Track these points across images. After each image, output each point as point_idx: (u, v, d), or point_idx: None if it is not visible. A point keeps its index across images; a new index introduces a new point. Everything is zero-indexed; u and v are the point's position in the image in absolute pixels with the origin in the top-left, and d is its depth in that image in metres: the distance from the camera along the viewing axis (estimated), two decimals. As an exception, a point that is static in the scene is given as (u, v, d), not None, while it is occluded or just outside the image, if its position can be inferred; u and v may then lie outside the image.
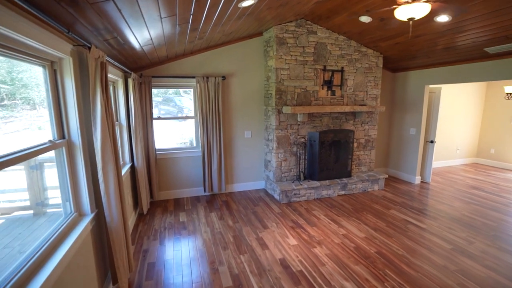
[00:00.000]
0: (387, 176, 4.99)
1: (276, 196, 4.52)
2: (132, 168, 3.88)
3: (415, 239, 3.23)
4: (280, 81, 4.29)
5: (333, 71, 4.55)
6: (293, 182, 4.52)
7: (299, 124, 4.54)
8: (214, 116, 4.41)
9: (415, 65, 5.03)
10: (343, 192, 4.75)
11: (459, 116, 6.66)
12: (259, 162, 4.99)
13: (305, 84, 4.44)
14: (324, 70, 4.50)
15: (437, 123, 5.15)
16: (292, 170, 4.67)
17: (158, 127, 4.53)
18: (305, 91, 4.47)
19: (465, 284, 2.44)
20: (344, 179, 4.75)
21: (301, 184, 4.42)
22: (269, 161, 4.73)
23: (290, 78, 4.34)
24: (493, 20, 3.06)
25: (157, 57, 3.80)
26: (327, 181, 4.61)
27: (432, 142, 5.25)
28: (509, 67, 3.74)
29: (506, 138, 6.51)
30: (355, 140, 4.93)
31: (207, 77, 4.28)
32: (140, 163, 3.69)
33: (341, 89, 4.69)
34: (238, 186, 4.96)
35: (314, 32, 4.32)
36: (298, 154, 4.63)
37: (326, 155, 4.65)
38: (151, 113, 4.17)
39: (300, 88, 4.43)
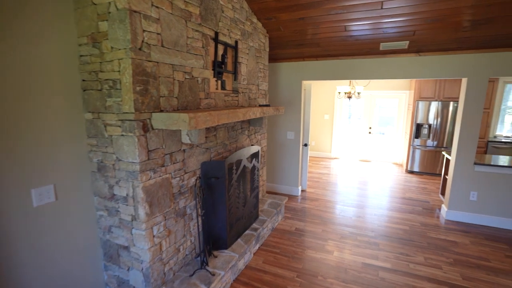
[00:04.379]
0: (287, 199, 3.77)
1: (164, 327, 1.90)
2: None
3: (423, 303, 2.19)
4: (142, 49, 1.67)
5: (226, 45, 2.52)
6: (192, 275, 2.10)
7: (184, 151, 2.13)
8: None
9: (292, 56, 4.07)
10: (257, 247, 2.95)
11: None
12: (88, 251, 2.00)
13: (190, 64, 2.10)
14: (216, 40, 2.36)
15: (309, 123, 4.60)
16: (181, 248, 2.19)
17: None
18: (191, 79, 2.13)
19: None
20: (256, 225, 2.95)
21: (212, 274, 2.12)
22: (126, 248, 1.94)
23: (163, 46, 1.82)
24: (421, 8, 2.53)
25: None
26: (241, 240, 2.62)
27: (306, 145, 4.66)
28: (398, 65, 3.61)
29: (322, 131, 7.48)
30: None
31: None
32: None
33: (235, 79, 2.76)
34: None
35: (197, -45, 2.06)
36: (190, 212, 2.23)
37: (234, 197, 2.59)
38: None
39: (182, 71, 2.02)
